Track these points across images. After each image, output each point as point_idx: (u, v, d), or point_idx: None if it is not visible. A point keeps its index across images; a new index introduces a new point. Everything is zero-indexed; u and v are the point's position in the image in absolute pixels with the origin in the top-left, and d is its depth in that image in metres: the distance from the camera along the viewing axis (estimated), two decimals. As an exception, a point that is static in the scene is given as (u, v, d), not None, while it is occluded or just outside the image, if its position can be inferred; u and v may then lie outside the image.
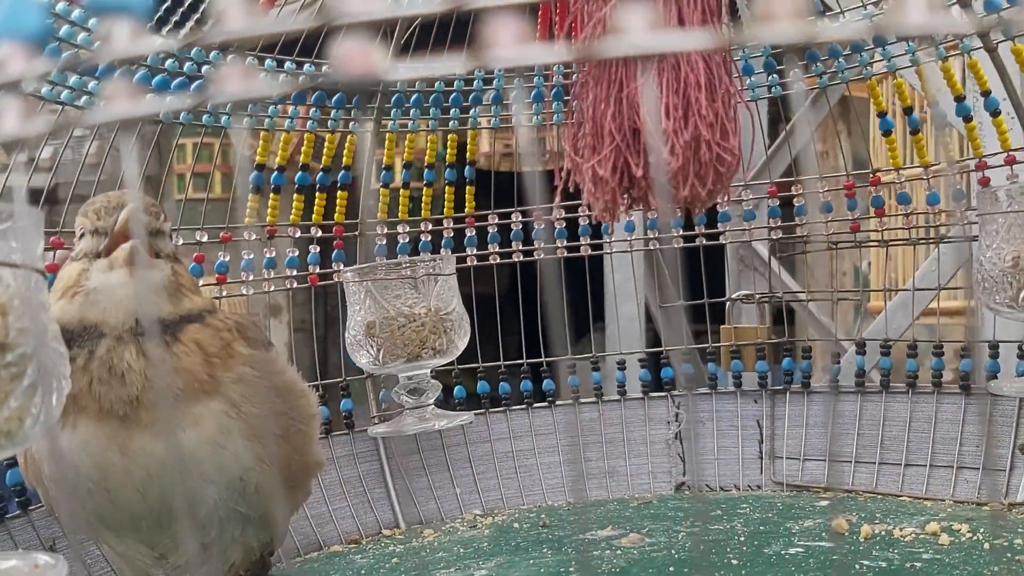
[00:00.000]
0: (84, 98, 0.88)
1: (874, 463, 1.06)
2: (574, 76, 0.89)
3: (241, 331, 0.69)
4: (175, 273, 0.66)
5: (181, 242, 1.00)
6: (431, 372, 1.08)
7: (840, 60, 1.07)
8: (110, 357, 0.62)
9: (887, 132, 1.08)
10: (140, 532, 0.66)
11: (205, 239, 1.03)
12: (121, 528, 0.66)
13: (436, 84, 1.11)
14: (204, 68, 0.95)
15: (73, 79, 0.87)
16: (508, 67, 1.11)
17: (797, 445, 1.11)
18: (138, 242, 0.63)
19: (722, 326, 1.19)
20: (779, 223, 1.15)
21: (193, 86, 0.92)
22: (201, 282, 1.01)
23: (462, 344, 1.08)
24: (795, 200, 1.12)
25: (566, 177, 0.77)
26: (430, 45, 1.10)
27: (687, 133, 0.70)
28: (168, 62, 0.91)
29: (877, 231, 1.10)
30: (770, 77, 1.09)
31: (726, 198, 0.78)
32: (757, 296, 1.18)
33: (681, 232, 1.14)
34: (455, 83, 1.12)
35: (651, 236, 1.18)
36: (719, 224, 1.14)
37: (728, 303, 1.20)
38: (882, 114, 1.07)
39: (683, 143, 0.69)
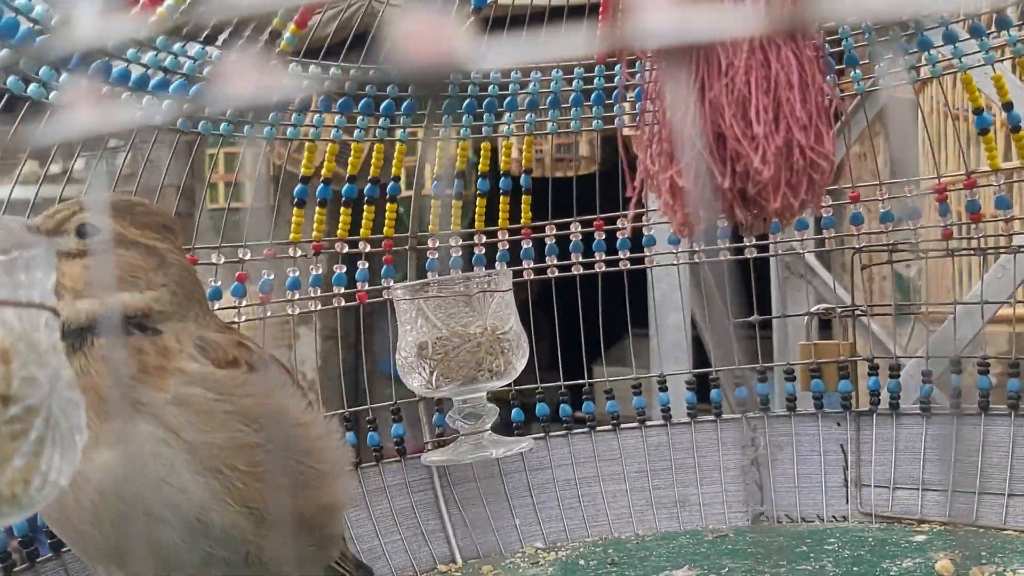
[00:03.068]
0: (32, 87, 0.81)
1: (973, 492, 0.97)
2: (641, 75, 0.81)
3: (208, 347, 0.60)
4: (59, 272, 0.57)
5: (223, 260, 0.94)
6: (488, 395, 1.01)
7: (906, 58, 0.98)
8: None
9: (984, 131, 0.98)
10: (121, 568, 0.59)
11: (248, 256, 0.96)
12: (104, 562, 0.60)
13: (490, 88, 1.04)
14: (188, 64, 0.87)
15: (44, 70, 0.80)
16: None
17: (886, 472, 1.02)
18: None
19: (800, 343, 1.10)
20: (861, 231, 1.06)
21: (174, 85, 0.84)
22: (245, 301, 0.96)
23: (520, 365, 1.00)
24: (881, 206, 1.03)
25: (639, 188, 0.69)
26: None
27: (779, 138, 0.62)
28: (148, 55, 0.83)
29: (973, 238, 1.01)
30: (854, 72, 1.00)
31: (818, 208, 0.70)
32: (839, 310, 1.09)
33: (728, 244, 1.06)
34: (531, 84, 1.05)
35: (696, 249, 1.10)
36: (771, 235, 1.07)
37: (807, 318, 1.11)
38: (979, 111, 0.98)
39: (775, 149, 0.61)
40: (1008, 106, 0.95)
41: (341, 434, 0.70)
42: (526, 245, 1.10)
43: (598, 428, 1.09)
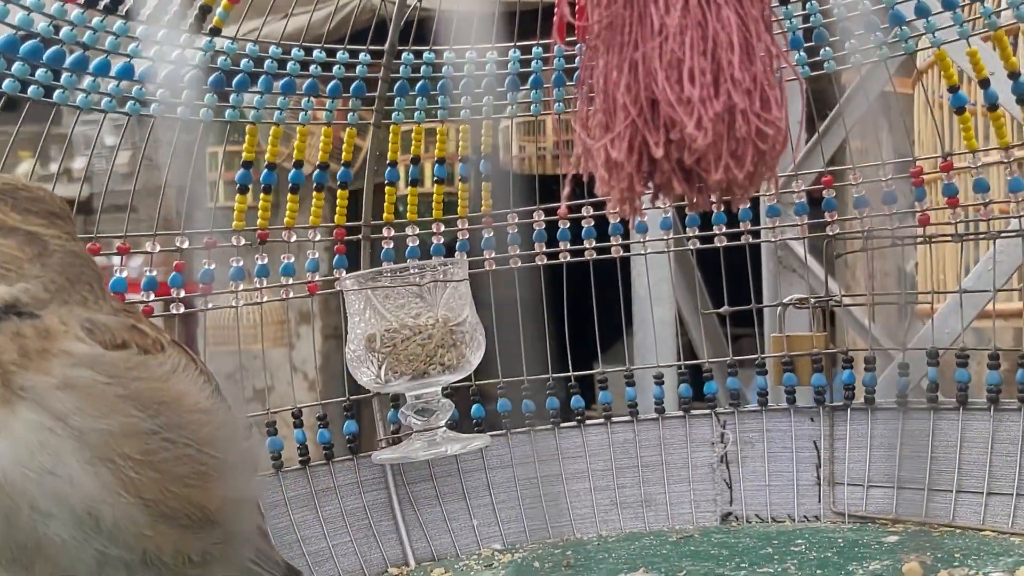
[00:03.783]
0: (57, 92, 0.79)
1: (951, 491, 0.92)
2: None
3: (96, 329, 0.56)
4: None
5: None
6: (444, 390, 0.97)
7: (877, 34, 0.93)
8: None
9: (960, 110, 0.93)
10: (7, 571, 0.55)
11: (187, 245, 0.92)
12: (6, 564, 0.55)
13: (444, 68, 1.00)
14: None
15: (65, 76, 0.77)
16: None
17: (860, 469, 0.97)
18: None
19: (773, 335, 1.06)
20: (835, 217, 1.02)
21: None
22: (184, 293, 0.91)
23: (476, 359, 0.96)
24: (854, 191, 0.98)
25: (576, 163, 0.64)
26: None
27: (717, 103, 0.57)
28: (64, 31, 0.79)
29: (950, 224, 0.96)
30: (824, 50, 0.96)
31: (772, 186, 0.65)
32: (812, 300, 1.04)
33: (697, 232, 1.02)
34: (465, 67, 1.01)
35: (664, 238, 1.05)
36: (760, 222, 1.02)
37: (780, 308, 1.06)
38: (954, 88, 0.93)
39: (713, 115, 0.56)
40: (984, 83, 0.91)
41: (249, 424, 0.65)
42: (487, 234, 1.05)
43: (562, 424, 1.04)
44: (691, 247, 1.04)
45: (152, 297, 0.88)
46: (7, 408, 0.52)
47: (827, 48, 0.96)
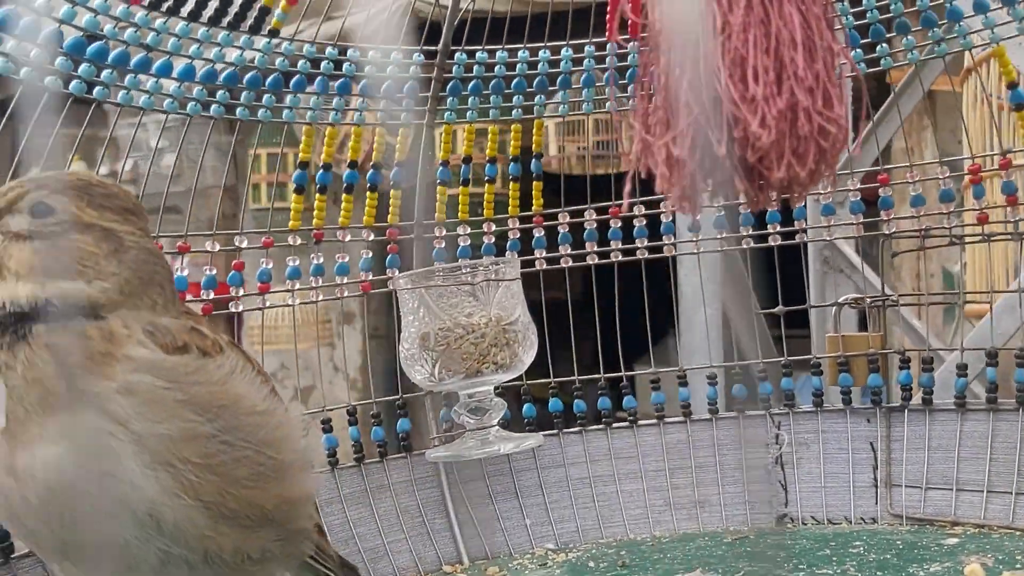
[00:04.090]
0: (121, 93, 0.81)
1: (1010, 493, 0.90)
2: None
3: (158, 332, 0.56)
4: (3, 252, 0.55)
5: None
6: (496, 389, 0.97)
7: (936, 31, 0.92)
8: None
9: (1020, 106, 0.92)
10: (76, 566, 0.56)
11: (245, 244, 0.94)
12: (58, 559, 0.56)
13: (496, 68, 1.00)
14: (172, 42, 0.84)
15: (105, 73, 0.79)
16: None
17: (918, 471, 0.96)
18: None
19: (828, 335, 1.05)
20: (891, 216, 1.01)
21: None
22: (242, 292, 0.93)
23: (528, 358, 0.96)
24: (911, 189, 0.97)
25: (635, 161, 0.64)
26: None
27: (781, 101, 0.57)
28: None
29: (1009, 222, 0.94)
30: (880, 47, 0.95)
31: (830, 183, 0.64)
32: (868, 299, 1.03)
33: (751, 230, 1.01)
34: (517, 67, 1.01)
35: (719, 236, 1.04)
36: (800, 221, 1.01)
37: (834, 308, 1.05)
38: (1012, 84, 0.91)
39: (776, 113, 0.56)
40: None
41: (306, 424, 0.66)
42: (538, 233, 1.05)
43: (615, 425, 1.04)
44: (744, 246, 1.03)
45: (212, 296, 0.89)
46: (69, 412, 0.53)
47: (884, 44, 0.95)
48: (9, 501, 0.54)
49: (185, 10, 0.79)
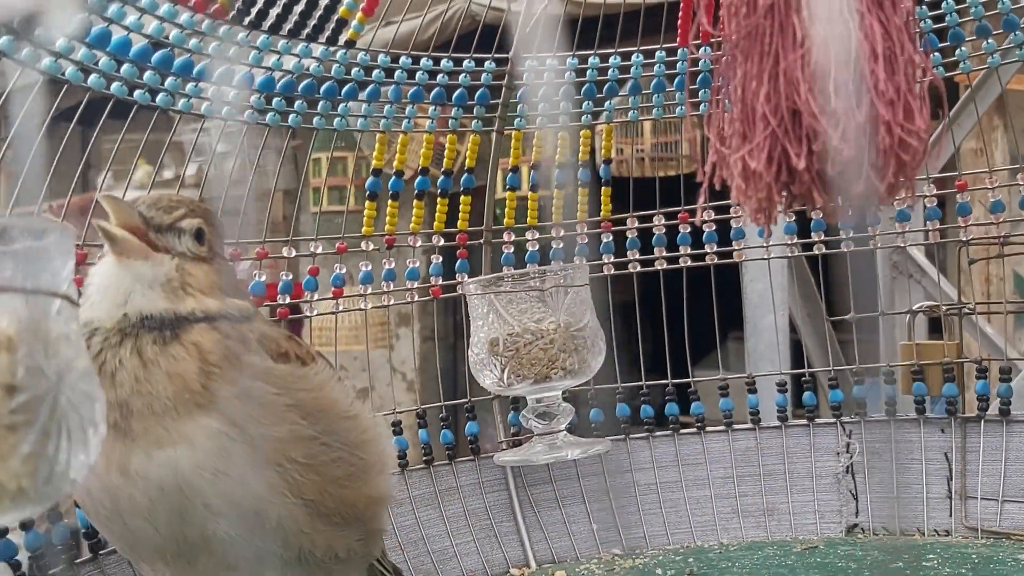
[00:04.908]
0: (182, 101, 0.83)
1: (1093, 508, 0.88)
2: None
3: (266, 341, 0.60)
4: (180, 271, 0.58)
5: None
6: (563, 394, 0.98)
7: (1017, 33, 0.90)
8: (102, 355, 0.55)
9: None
10: (170, 565, 0.58)
11: (319, 250, 0.95)
12: (152, 560, 0.59)
13: (567, 75, 1.01)
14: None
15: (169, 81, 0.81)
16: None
17: (994, 484, 0.94)
18: (126, 233, 0.56)
19: (902, 343, 1.03)
20: (968, 222, 0.99)
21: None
22: (316, 296, 0.94)
23: (596, 363, 0.96)
24: (991, 195, 0.95)
25: (711, 172, 0.64)
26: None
27: (861, 114, 0.56)
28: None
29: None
30: (959, 50, 0.93)
31: (908, 194, 0.64)
32: (944, 307, 1.01)
33: (823, 236, 1.00)
34: (587, 72, 1.01)
35: (790, 243, 1.03)
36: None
37: (908, 316, 1.04)
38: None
39: (856, 126, 0.56)
40: None
41: (386, 427, 0.68)
42: (606, 239, 1.05)
43: (681, 431, 1.04)
44: (816, 252, 1.02)
45: (288, 300, 0.91)
46: (190, 415, 0.55)
47: (962, 48, 0.93)
48: (116, 500, 0.56)
49: (266, 24, 0.81)
